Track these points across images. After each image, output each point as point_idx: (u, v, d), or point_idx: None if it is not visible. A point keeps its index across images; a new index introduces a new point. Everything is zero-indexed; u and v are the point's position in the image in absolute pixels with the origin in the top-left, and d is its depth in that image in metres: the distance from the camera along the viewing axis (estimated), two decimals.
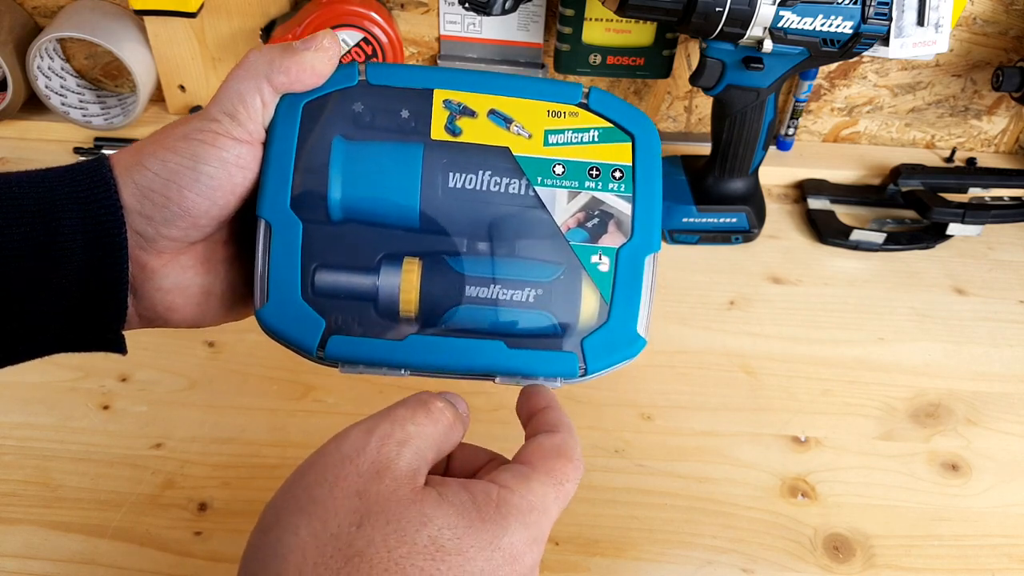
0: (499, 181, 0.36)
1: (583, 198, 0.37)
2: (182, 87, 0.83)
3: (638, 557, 0.52)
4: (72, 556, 0.50)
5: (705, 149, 0.78)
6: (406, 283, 0.35)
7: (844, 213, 0.81)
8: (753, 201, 0.76)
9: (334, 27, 0.74)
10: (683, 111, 0.87)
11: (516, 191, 0.36)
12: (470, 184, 0.36)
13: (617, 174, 0.37)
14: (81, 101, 0.83)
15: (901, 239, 0.77)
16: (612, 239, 0.37)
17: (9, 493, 0.54)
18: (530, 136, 0.37)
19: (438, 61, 0.82)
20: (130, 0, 0.73)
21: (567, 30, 0.77)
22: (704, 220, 0.75)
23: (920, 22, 0.66)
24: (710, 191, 0.76)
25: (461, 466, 0.36)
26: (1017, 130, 0.88)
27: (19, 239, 0.31)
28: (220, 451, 0.56)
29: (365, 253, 0.36)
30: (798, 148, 0.88)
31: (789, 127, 0.85)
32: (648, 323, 0.37)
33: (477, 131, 0.37)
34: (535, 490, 0.31)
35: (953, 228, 0.77)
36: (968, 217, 0.76)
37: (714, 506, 0.55)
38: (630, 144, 0.38)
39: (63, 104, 0.81)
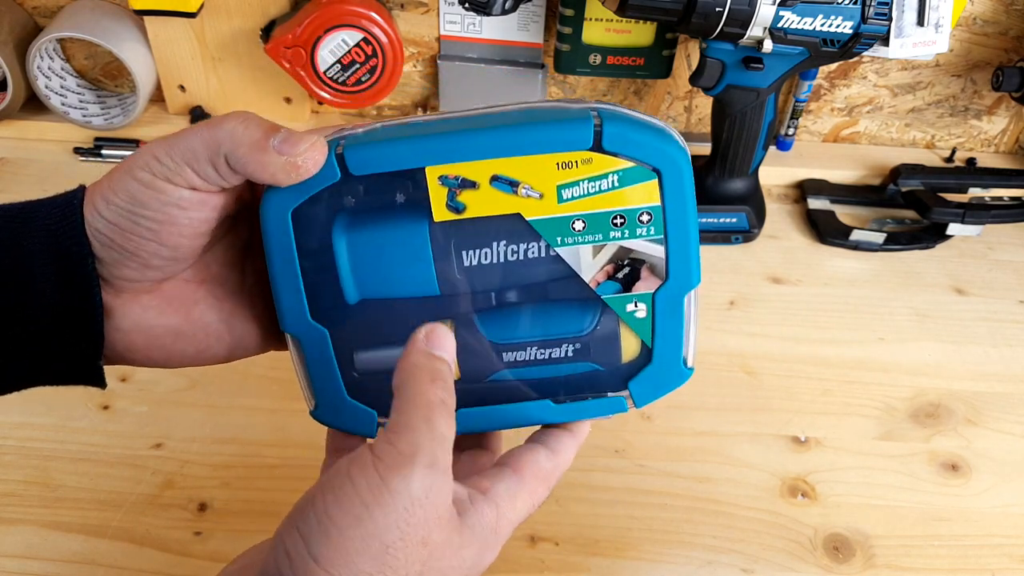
0: (516, 249, 0.34)
1: (610, 250, 0.34)
2: (182, 87, 0.83)
3: (638, 557, 0.52)
4: (72, 556, 0.50)
5: (705, 149, 0.78)
6: None
7: (844, 213, 0.81)
8: (753, 201, 0.76)
9: (334, 27, 0.74)
10: (683, 111, 0.87)
11: (536, 255, 0.34)
12: (486, 259, 0.34)
13: (644, 217, 0.34)
14: (81, 101, 0.83)
15: (901, 239, 0.77)
16: (646, 284, 0.35)
17: (9, 493, 0.54)
18: (541, 196, 0.33)
19: (438, 61, 0.82)
20: (130, 0, 0.73)
21: (567, 30, 0.77)
22: (704, 220, 0.75)
23: (920, 22, 0.66)
24: (710, 191, 0.76)
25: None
26: (1017, 130, 0.88)
27: None
28: (220, 451, 0.56)
29: (396, 328, 0.34)
30: (798, 148, 0.88)
31: (789, 127, 0.85)
32: (694, 351, 0.36)
33: (482, 203, 0.33)
34: (519, 511, 0.33)
35: (953, 228, 0.77)
36: (968, 217, 0.76)
37: (714, 506, 0.55)
38: (656, 181, 0.33)
39: (63, 104, 0.81)
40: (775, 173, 0.84)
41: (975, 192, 0.83)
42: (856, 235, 0.77)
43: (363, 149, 0.33)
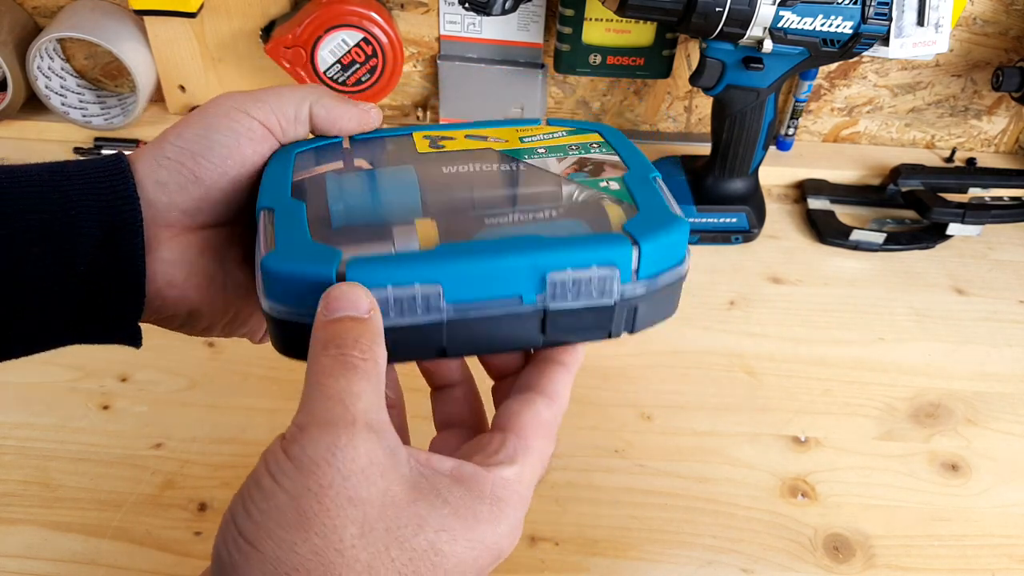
0: (491, 165, 0.37)
1: (572, 158, 0.38)
2: (182, 87, 0.83)
3: (638, 557, 0.52)
4: (72, 556, 0.50)
5: (705, 149, 0.78)
6: (422, 226, 0.32)
7: (844, 213, 0.81)
8: (753, 201, 0.76)
9: (334, 27, 0.74)
10: (683, 111, 0.87)
11: (509, 168, 0.37)
12: (464, 169, 0.37)
13: (595, 146, 0.39)
14: (81, 101, 0.83)
15: (901, 239, 0.77)
16: (612, 173, 0.37)
17: (9, 493, 0.54)
18: (507, 142, 0.39)
19: (438, 61, 0.82)
20: (130, 0, 0.73)
21: (567, 30, 0.77)
22: (704, 220, 0.75)
23: (920, 22, 0.66)
24: (710, 191, 0.76)
25: (443, 421, 0.36)
26: (1017, 130, 0.88)
27: (37, 226, 0.32)
28: (220, 451, 0.56)
29: (377, 222, 0.33)
30: (798, 148, 0.88)
31: (789, 127, 0.85)
32: (678, 209, 0.35)
33: (459, 145, 0.39)
34: (526, 480, 0.30)
35: (953, 228, 0.77)
36: (968, 217, 0.76)
37: (714, 506, 0.55)
38: (598, 134, 0.40)
39: (63, 104, 0.81)
40: (775, 173, 0.84)
41: (975, 192, 0.83)
42: (856, 235, 0.77)
43: (364, 136, 0.39)
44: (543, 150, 0.39)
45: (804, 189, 0.83)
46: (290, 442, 0.27)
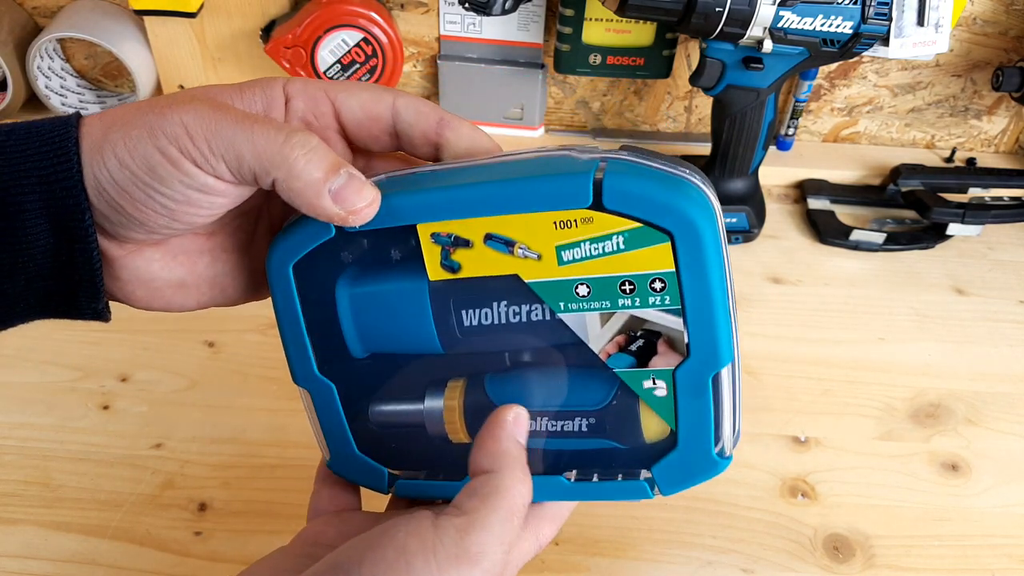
0: (518, 311, 0.31)
1: (620, 318, 0.30)
2: (182, 87, 0.83)
3: (638, 557, 0.52)
4: (72, 556, 0.50)
5: (705, 149, 0.78)
6: (448, 411, 0.34)
7: (844, 213, 0.81)
8: (753, 201, 0.76)
9: (334, 27, 0.74)
10: (683, 111, 0.87)
11: (539, 318, 0.31)
12: (487, 320, 0.31)
13: (657, 285, 0.30)
14: (81, 101, 0.83)
15: (901, 239, 0.77)
16: (664, 360, 0.30)
17: (9, 493, 0.54)
18: (539, 257, 0.30)
19: (438, 61, 0.82)
20: (130, 0, 0.73)
21: (567, 30, 0.77)
22: None
23: (920, 22, 0.66)
24: None
25: None
26: (1017, 130, 0.88)
27: None
28: (220, 451, 0.56)
29: (404, 383, 0.34)
30: (798, 148, 0.88)
31: (789, 127, 0.85)
32: (736, 437, 0.33)
33: (477, 262, 0.31)
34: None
35: (953, 228, 0.77)
36: (968, 217, 0.76)
37: (714, 506, 0.55)
38: (668, 244, 0.29)
39: (63, 104, 0.81)
40: (775, 173, 0.84)
41: (975, 192, 0.83)
42: (856, 235, 0.77)
43: None
44: (585, 290, 0.30)
45: (804, 189, 0.83)
46: (452, 569, 0.28)
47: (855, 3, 0.62)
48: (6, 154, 0.29)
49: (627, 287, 0.30)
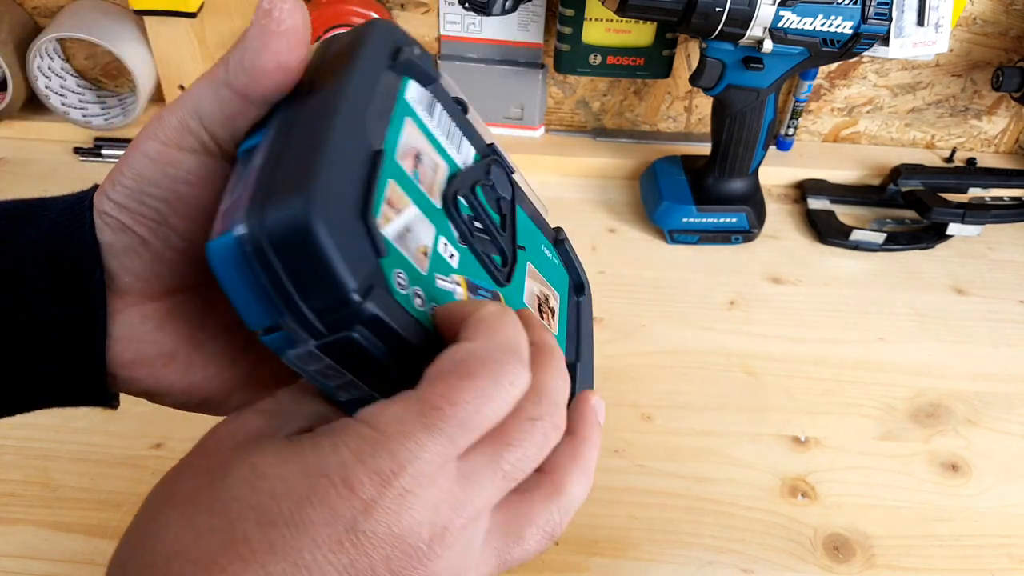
0: None
1: None
2: (182, 87, 0.83)
3: (638, 557, 0.52)
4: (72, 556, 0.50)
5: (705, 149, 0.78)
6: None
7: (844, 213, 0.81)
8: (753, 201, 0.76)
9: (334, 27, 0.74)
10: (683, 111, 0.87)
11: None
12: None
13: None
14: (81, 101, 0.83)
15: (901, 239, 0.77)
16: None
17: (9, 493, 0.54)
18: None
19: (438, 61, 0.82)
20: (130, 0, 0.73)
21: (567, 30, 0.77)
22: (704, 220, 0.75)
23: (920, 22, 0.66)
24: (710, 191, 0.76)
25: None
26: (1017, 130, 0.88)
27: None
28: None
29: None
30: (798, 148, 0.88)
31: (789, 127, 0.85)
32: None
33: None
34: (389, 411, 0.24)
35: (953, 228, 0.77)
36: (968, 217, 0.76)
37: (714, 506, 0.55)
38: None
39: (63, 104, 0.81)
40: (775, 173, 0.84)
41: (975, 192, 0.83)
42: (856, 235, 0.77)
43: None
44: None
45: (804, 189, 0.83)
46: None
47: (855, 3, 0.62)
48: (31, 211, 0.29)
49: None
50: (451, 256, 0.30)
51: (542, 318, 0.34)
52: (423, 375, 0.25)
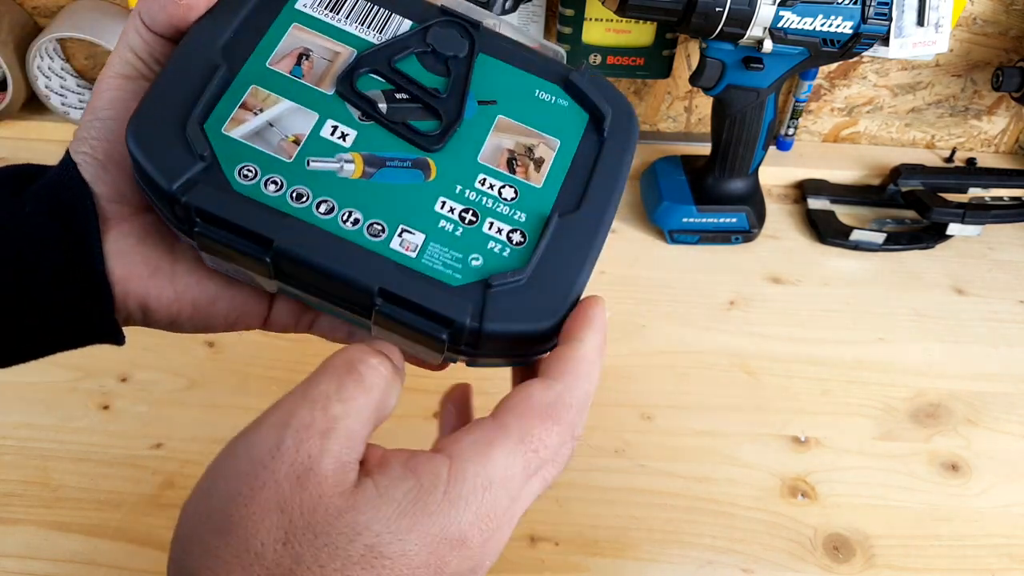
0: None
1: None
2: None
3: (638, 557, 0.52)
4: (72, 556, 0.50)
5: (705, 149, 0.78)
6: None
7: (844, 213, 0.81)
8: (753, 201, 0.76)
9: None
10: (683, 111, 0.87)
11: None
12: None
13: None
14: (81, 101, 0.83)
15: (901, 239, 0.77)
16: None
17: (9, 493, 0.54)
18: None
19: None
20: (130, 0, 0.73)
21: (567, 30, 0.77)
22: (704, 220, 0.75)
23: (920, 22, 0.66)
24: (710, 191, 0.75)
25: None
26: (1017, 130, 0.88)
27: None
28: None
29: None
30: (798, 148, 0.88)
31: (789, 127, 0.85)
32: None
33: None
34: (497, 462, 0.26)
35: (953, 228, 0.77)
36: (968, 217, 0.76)
37: (714, 506, 0.55)
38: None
39: (63, 104, 0.81)
40: (775, 173, 0.84)
41: (975, 192, 0.83)
42: (856, 235, 0.77)
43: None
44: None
45: (804, 189, 0.83)
46: (241, 437, 0.26)
47: (855, 3, 0.62)
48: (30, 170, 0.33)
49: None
50: (343, 137, 0.32)
51: (514, 172, 0.33)
52: (517, 398, 0.28)
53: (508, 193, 0.33)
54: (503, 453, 0.26)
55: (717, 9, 0.61)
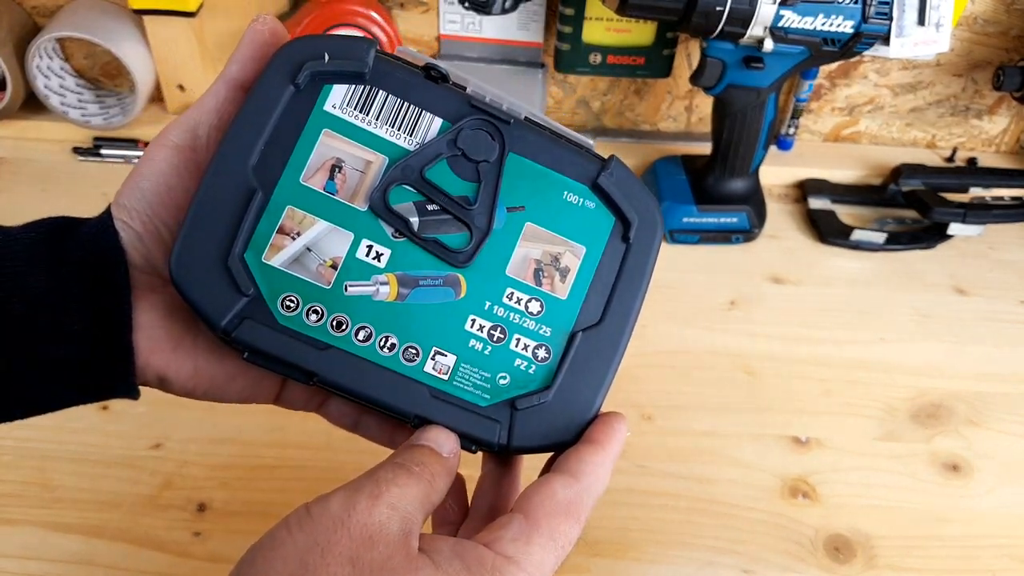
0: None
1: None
2: (181, 87, 0.83)
3: (638, 558, 0.52)
4: (71, 557, 0.50)
5: (705, 149, 0.78)
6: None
7: (845, 213, 0.81)
8: (754, 201, 0.76)
9: (334, 26, 0.74)
10: (683, 111, 0.87)
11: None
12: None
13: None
14: (80, 101, 0.83)
15: (902, 239, 0.77)
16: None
17: (8, 494, 0.53)
18: None
19: (438, 61, 0.82)
20: (129, 0, 0.73)
21: (567, 29, 0.77)
22: (704, 220, 0.75)
23: (921, 21, 0.66)
24: (710, 191, 0.75)
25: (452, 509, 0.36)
26: (1018, 130, 0.88)
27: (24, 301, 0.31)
28: (219, 452, 0.56)
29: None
30: (799, 148, 0.88)
31: (790, 127, 0.85)
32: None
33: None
34: (535, 558, 0.29)
35: (954, 228, 0.77)
36: (969, 217, 0.76)
37: (715, 507, 0.55)
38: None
39: (62, 104, 0.81)
40: (776, 173, 0.84)
41: (976, 192, 0.83)
42: (857, 235, 0.77)
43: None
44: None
45: (805, 189, 0.83)
46: (315, 502, 0.29)
47: (856, 2, 0.62)
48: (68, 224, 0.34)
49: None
50: (377, 257, 0.33)
51: (540, 284, 0.34)
52: (543, 495, 0.31)
53: (534, 307, 0.34)
54: (539, 550, 0.30)
55: (718, 8, 0.61)
